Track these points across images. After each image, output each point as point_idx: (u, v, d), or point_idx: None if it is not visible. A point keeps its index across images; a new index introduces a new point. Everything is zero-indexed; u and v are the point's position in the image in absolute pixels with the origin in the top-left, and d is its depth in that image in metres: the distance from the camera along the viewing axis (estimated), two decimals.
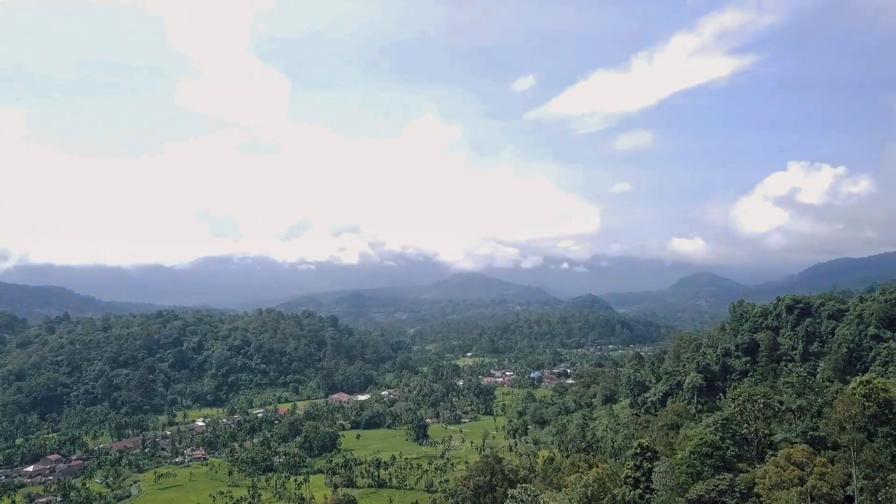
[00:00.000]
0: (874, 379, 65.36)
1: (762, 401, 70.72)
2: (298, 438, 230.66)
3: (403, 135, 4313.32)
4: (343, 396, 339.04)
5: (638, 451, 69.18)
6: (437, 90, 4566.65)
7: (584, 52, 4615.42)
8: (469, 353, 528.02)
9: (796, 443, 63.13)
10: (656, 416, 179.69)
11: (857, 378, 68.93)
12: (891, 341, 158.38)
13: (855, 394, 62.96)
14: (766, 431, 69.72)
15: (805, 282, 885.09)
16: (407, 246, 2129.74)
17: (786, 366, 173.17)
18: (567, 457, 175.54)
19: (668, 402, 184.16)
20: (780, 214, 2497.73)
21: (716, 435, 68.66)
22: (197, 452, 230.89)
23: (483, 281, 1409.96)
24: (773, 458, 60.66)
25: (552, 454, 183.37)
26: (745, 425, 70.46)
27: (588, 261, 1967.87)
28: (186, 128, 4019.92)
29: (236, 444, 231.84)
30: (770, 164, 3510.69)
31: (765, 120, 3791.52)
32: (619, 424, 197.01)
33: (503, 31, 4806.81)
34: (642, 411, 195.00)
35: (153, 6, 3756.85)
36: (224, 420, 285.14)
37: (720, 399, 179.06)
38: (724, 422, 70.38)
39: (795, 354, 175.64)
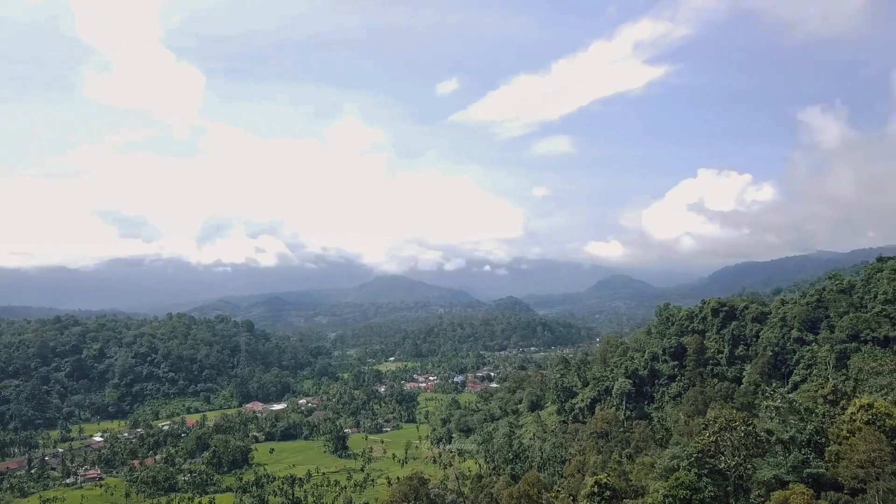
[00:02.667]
0: (876, 402, 58.98)
1: (742, 429, 63.23)
2: (206, 454, 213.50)
3: (324, 135, 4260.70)
4: (258, 406, 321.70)
5: (595, 489, 60.40)
6: (359, 91, 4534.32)
7: (507, 56, 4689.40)
8: (392, 358, 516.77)
9: (788, 481, 55.86)
10: (585, 423, 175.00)
11: (856, 401, 62.32)
12: (814, 344, 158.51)
13: (855, 420, 56.42)
14: (748, 465, 61.83)
15: (714, 284, 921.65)
16: (328, 248, 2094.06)
17: (713, 370, 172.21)
18: (494, 468, 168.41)
19: (596, 409, 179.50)
20: (690, 219, 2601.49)
21: (690, 471, 60.48)
22: (91, 472, 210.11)
23: (406, 284, 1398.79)
24: (761, 500, 53.17)
25: (480, 468, 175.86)
26: (723, 458, 62.85)
27: (509, 263, 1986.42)
28: (93, 123, 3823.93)
29: (136, 462, 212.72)
30: (682, 170, 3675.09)
31: (677, 128, 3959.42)
32: (546, 432, 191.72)
33: (426, 33, 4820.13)
34: (570, 418, 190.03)
35: None
36: (125, 434, 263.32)
37: (649, 405, 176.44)
38: (699, 455, 62.11)
39: (722, 358, 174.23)
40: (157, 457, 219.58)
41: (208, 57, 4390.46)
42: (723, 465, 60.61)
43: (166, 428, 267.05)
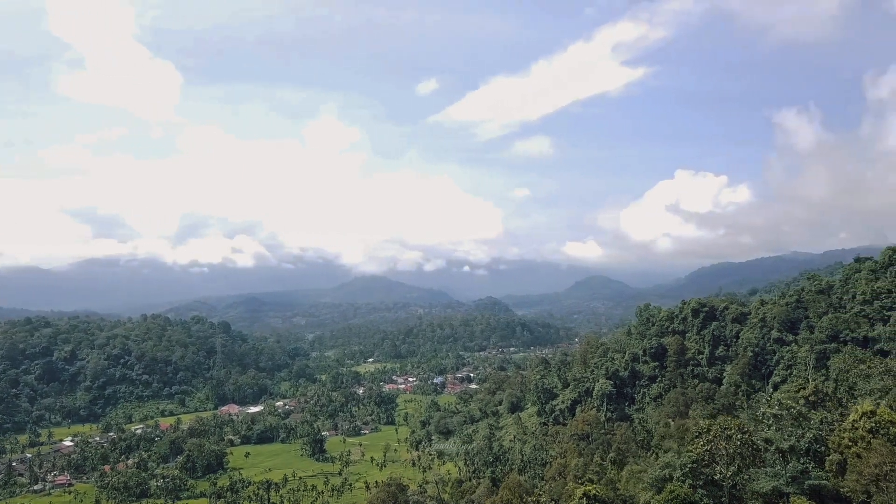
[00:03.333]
0: (879, 409, 57.14)
1: (738, 437, 61.15)
2: (180, 458, 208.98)
3: (302, 135, 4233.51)
4: (234, 408, 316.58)
5: (583, 500, 58.19)
6: (337, 91, 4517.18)
7: (487, 57, 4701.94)
8: (370, 359, 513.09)
9: (789, 493, 53.84)
10: (565, 425, 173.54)
11: (858, 408, 60.63)
12: (793, 344, 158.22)
13: (857, 428, 54.53)
14: (743, 476, 59.54)
15: (691, 284, 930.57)
16: (306, 248, 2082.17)
17: (693, 370, 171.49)
18: (475, 471, 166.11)
19: (577, 410, 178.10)
20: (667, 220, 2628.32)
21: (684, 482, 58.27)
22: (60, 478, 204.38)
23: (386, 284, 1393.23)
24: None
25: (459, 471, 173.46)
26: (718, 468, 60.99)
27: (488, 264, 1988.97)
28: (66, 120, 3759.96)
29: (108, 467, 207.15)
30: (659, 172, 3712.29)
31: (655, 129, 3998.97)
32: (526, 434, 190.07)
33: (406, 33, 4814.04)
34: (551, 420, 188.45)
35: None
36: (97, 438, 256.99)
37: (629, 406, 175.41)
38: (693, 465, 59.81)
39: (702, 359, 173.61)
40: (130, 461, 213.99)
41: (184, 54, 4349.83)
42: (717, 475, 58.43)
43: (139, 432, 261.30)
